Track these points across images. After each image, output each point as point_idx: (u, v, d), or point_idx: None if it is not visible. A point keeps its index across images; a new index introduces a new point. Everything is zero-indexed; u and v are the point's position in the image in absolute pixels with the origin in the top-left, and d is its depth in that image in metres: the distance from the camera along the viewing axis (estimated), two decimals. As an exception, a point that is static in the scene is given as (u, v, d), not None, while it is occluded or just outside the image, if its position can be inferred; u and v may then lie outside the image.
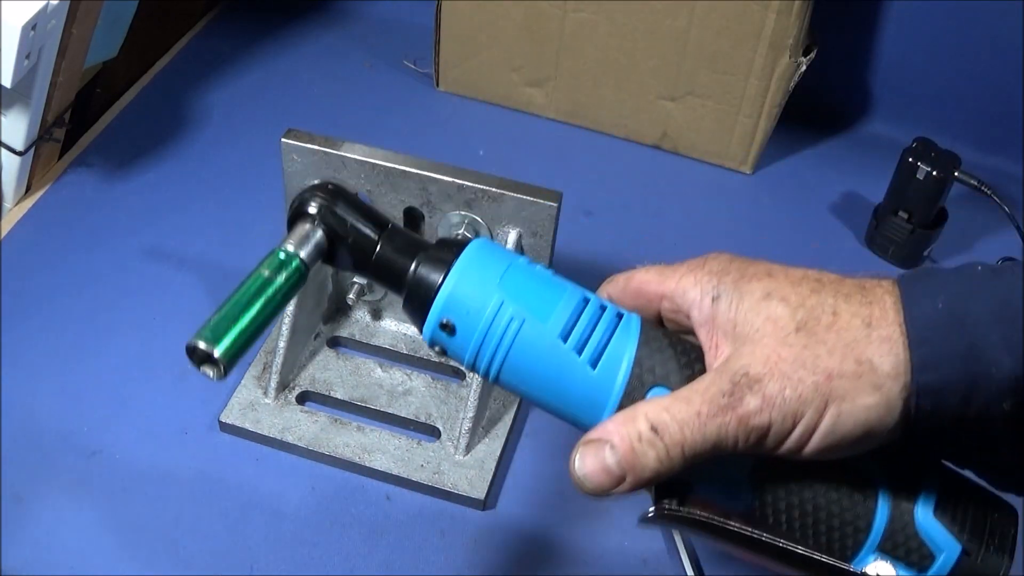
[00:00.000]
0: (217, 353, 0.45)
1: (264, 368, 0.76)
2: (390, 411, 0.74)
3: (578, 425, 0.46)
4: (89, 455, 0.71)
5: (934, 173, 0.85)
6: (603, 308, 0.46)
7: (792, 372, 0.40)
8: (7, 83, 0.75)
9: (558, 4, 0.96)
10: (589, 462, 0.43)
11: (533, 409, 0.76)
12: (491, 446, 0.72)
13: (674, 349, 0.45)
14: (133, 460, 0.71)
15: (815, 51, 0.93)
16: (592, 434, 0.43)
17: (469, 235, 0.70)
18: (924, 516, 0.43)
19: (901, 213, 0.88)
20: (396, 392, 0.75)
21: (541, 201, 0.68)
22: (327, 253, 0.50)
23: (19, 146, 0.84)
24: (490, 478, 0.70)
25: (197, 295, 0.82)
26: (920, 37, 1.00)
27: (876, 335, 0.40)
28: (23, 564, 0.64)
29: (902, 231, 0.89)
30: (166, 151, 0.97)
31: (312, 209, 0.49)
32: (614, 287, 0.48)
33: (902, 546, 0.43)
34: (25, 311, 0.79)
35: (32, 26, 0.73)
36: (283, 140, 0.70)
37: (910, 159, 0.86)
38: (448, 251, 0.46)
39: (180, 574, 0.65)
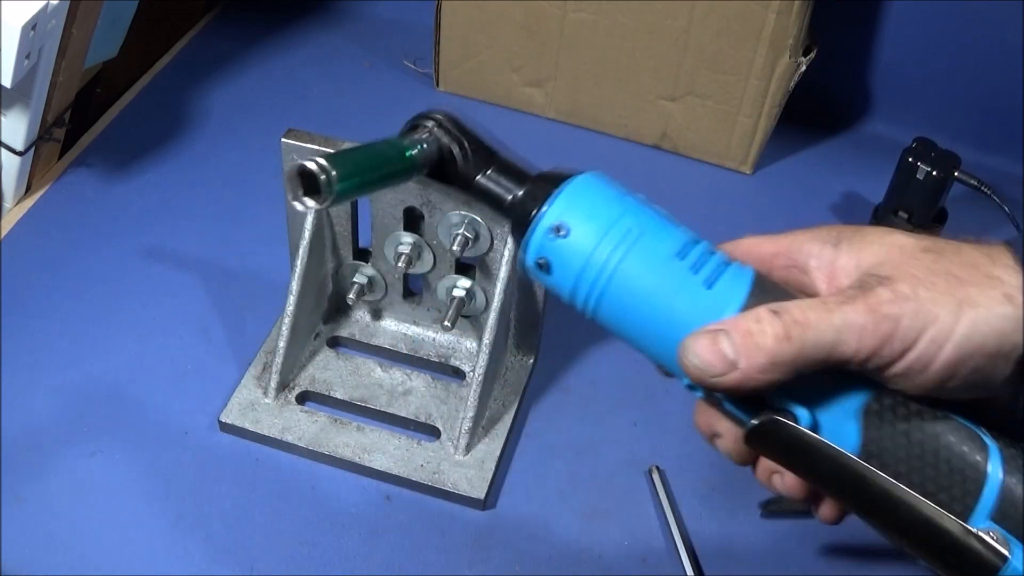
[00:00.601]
0: (335, 181, 0.41)
1: (264, 368, 0.76)
2: (390, 411, 0.74)
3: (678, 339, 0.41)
4: (89, 455, 0.71)
5: (934, 173, 0.85)
6: (715, 252, 0.43)
7: (924, 276, 0.39)
8: (7, 83, 0.75)
9: (558, 4, 0.96)
10: (702, 344, 0.40)
11: (533, 409, 0.76)
12: (491, 446, 0.72)
13: (789, 289, 0.43)
14: (133, 460, 0.71)
15: (815, 51, 0.93)
16: (706, 327, 0.40)
17: (469, 235, 0.70)
18: None
19: (901, 213, 0.88)
20: (396, 392, 0.75)
21: (541, 201, 0.68)
22: (436, 171, 0.50)
23: (19, 146, 0.84)
24: (490, 478, 0.70)
25: (197, 295, 0.82)
26: (920, 37, 1.00)
27: (999, 262, 0.40)
28: (23, 564, 0.64)
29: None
30: (166, 151, 0.97)
31: (429, 126, 0.50)
32: (734, 244, 0.46)
33: (1011, 519, 0.39)
34: (25, 311, 0.79)
35: (32, 26, 0.73)
36: (283, 140, 0.70)
37: (910, 159, 0.86)
38: (565, 171, 0.45)
39: (180, 574, 0.65)
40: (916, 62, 1.01)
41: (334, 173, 0.41)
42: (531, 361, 0.78)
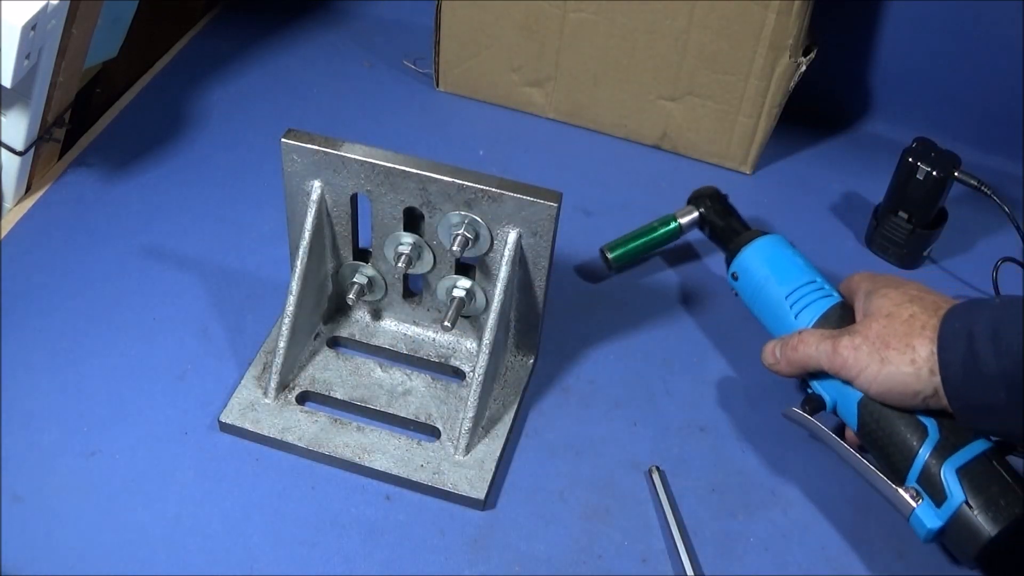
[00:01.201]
0: (610, 255, 0.86)
1: (264, 368, 0.76)
2: (390, 411, 0.74)
3: None
4: (89, 455, 0.71)
5: (934, 173, 0.85)
6: (821, 288, 0.75)
7: (872, 337, 0.66)
8: (7, 83, 0.75)
9: (558, 4, 0.96)
10: (768, 347, 0.73)
11: (533, 409, 0.76)
12: (491, 446, 0.72)
13: (840, 318, 0.72)
14: (133, 460, 0.71)
15: (815, 51, 0.93)
16: (779, 338, 0.73)
17: (469, 235, 0.70)
18: (949, 469, 0.65)
19: (901, 213, 0.88)
20: (396, 392, 0.75)
21: (541, 201, 0.68)
22: (699, 226, 0.88)
23: (19, 146, 0.84)
24: (490, 478, 0.70)
25: (197, 295, 0.82)
26: (920, 37, 1.00)
27: (925, 334, 0.64)
28: (23, 564, 0.64)
29: (902, 231, 0.89)
30: (166, 151, 0.97)
31: (697, 201, 0.88)
32: (848, 278, 0.74)
33: (929, 483, 0.65)
34: (25, 311, 0.79)
35: (32, 26, 0.73)
36: (283, 140, 0.70)
37: (910, 159, 0.86)
38: (752, 234, 0.81)
39: (180, 574, 0.65)
40: (916, 62, 1.01)
41: (609, 252, 0.86)
42: (531, 361, 0.78)
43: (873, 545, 0.69)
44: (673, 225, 0.87)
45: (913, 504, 0.65)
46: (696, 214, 0.87)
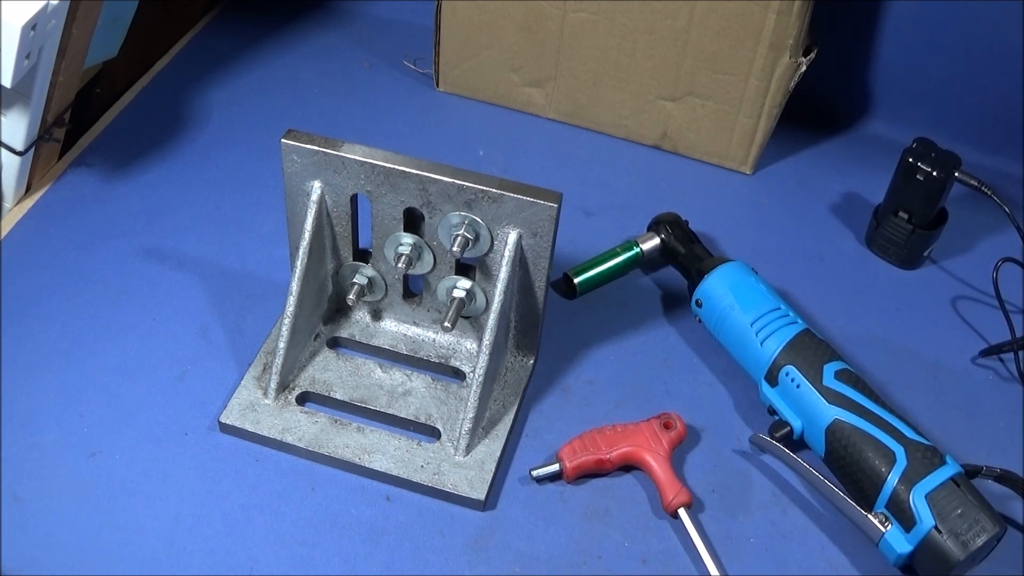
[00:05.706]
0: (576, 280, 0.84)
1: (264, 369, 0.76)
2: (390, 412, 0.74)
3: (748, 371, 0.78)
4: (89, 455, 0.71)
5: (934, 173, 0.85)
6: (785, 315, 0.76)
7: None
8: (7, 83, 0.75)
9: (558, 4, 0.96)
10: None
11: (533, 409, 0.76)
12: (491, 446, 0.72)
13: (806, 346, 0.74)
14: (133, 460, 0.71)
15: (815, 51, 0.93)
16: None
17: (470, 236, 0.70)
18: (918, 495, 0.66)
19: (901, 213, 0.88)
20: (396, 393, 0.75)
21: (541, 202, 0.68)
22: (661, 253, 0.86)
23: (19, 146, 0.84)
24: (490, 478, 0.70)
25: (197, 295, 0.82)
26: (920, 37, 1.00)
27: None
28: (23, 564, 0.64)
29: (902, 231, 0.89)
30: (166, 151, 0.97)
31: (658, 227, 0.87)
32: None
33: (898, 509, 0.66)
34: (25, 311, 0.79)
35: (32, 26, 0.73)
36: (283, 140, 0.70)
37: (910, 159, 0.86)
38: (715, 261, 0.81)
39: (180, 574, 0.65)
40: (916, 62, 1.01)
41: (574, 277, 0.84)
42: (531, 361, 0.78)
43: (870, 547, 0.69)
44: (635, 251, 0.85)
45: (882, 529, 0.67)
46: (657, 240, 0.86)
